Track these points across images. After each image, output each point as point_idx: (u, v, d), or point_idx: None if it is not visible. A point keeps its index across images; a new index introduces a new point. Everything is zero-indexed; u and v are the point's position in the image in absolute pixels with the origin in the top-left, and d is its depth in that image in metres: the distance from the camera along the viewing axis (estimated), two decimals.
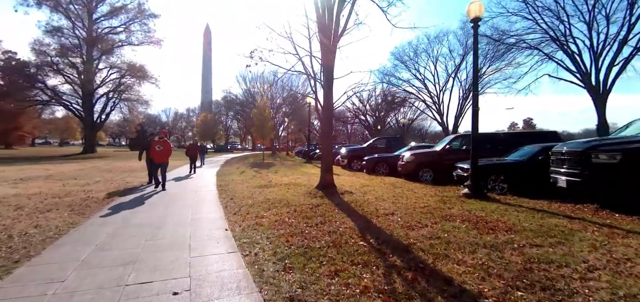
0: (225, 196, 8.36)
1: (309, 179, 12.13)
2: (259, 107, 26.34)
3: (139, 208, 6.96)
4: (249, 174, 13.94)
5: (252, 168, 17.40)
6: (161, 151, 9.47)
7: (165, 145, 9.63)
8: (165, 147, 9.56)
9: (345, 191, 8.88)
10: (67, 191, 8.89)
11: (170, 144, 9.92)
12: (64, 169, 15.58)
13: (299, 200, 7.71)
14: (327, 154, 8.92)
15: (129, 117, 44.36)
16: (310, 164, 20.54)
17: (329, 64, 8.60)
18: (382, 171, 14.59)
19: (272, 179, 11.83)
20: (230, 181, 11.52)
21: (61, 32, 36.57)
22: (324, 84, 8.75)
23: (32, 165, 18.21)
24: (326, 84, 8.76)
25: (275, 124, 41.59)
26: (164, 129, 11.10)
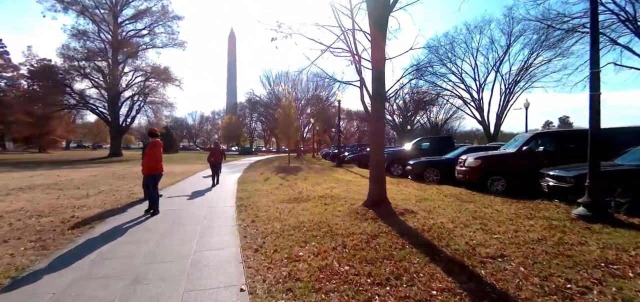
0: (246, 216, 6.32)
1: (347, 189, 9.94)
2: (284, 107, 24.48)
3: (125, 238, 5.03)
4: (275, 182, 11.94)
5: (277, 174, 15.44)
6: (146, 159, 6.80)
7: (151, 150, 6.83)
8: (149, 154, 6.78)
9: (402, 209, 6.63)
10: (55, 207, 7.20)
11: (157, 147, 6.94)
12: (76, 175, 14.28)
13: (345, 224, 5.55)
14: (378, 160, 6.70)
15: (154, 120, 43.95)
16: (342, 169, 18.34)
17: (379, 36, 6.39)
18: (433, 178, 12.17)
19: (302, 190, 9.74)
20: (253, 191, 9.53)
21: (87, 35, 36.55)
22: (374, 64, 6.54)
23: (48, 170, 17.19)
24: (376, 65, 6.54)
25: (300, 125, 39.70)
26: (152, 127, 8.81)
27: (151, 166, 6.72)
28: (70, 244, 4.68)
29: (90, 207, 7.21)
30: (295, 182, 11.60)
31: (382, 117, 6.79)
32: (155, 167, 6.77)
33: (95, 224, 5.76)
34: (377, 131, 6.70)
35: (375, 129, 6.71)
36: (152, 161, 6.73)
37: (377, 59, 6.54)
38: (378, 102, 6.65)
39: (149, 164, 6.71)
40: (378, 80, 6.61)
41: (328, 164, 23.89)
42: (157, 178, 6.83)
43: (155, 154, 6.80)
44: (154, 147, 6.84)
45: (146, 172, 6.81)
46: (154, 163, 6.75)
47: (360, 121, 76.74)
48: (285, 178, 13.19)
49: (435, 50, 35.82)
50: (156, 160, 6.78)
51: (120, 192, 9.43)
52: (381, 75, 6.62)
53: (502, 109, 35.50)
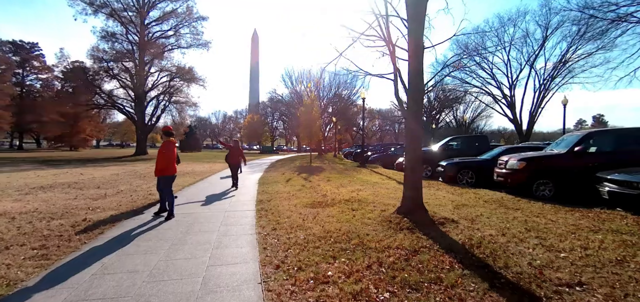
0: (266, 222, 5.73)
1: (374, 192, 9.19)
2: (307, 105, 23.90)
3: (132, 246, 4.55)
4: (297, 183, 11.35)
5: (299, 174, 14.87)
6: (158, 159, 6.28)
7: (164, 150, 6.31)
8: (161, 154, 6.27)
9: (441, 217, 5.84)
10: (69, 208, 6.90)
11: (170, 147, 6.43)
12: (99, 174, 14.29)
13: (378, 235, 4.85)
14: (415, 163, 5.92)
15: (178, 120, 44.69)
16: (366, 169, 17.55)
17: (417, 21, 5.62)
18: (467, 180, 11.20)
19: (326, 192, 9.08)
20: (275, 193, 8.97)
21: (115, 37, 37.51)
22: (411, 53, 5.78)
23: (74, 168, 17.42)
24: (413, 54, 5.78)
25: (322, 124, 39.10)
26: (166, 126, 8.16)
27: (162, 167, 6.23)
28: (74, 253, 4.24)
29: (104, 209, 6.86)
30: (318, 184, 10.96)
31: (420, 113, 6.01)
32: (167, 168, 6.27)
33: (106, 229, 5.34)
34: (414, 129, 5.93)
35: (412, 127, 5.94)
36: (163, 162, 6.23)
37: (414, 47, 5.77)
38: (415, 96, 5.88)
39: (161, 165, 6.23)
40: (415, 71, 5.84)
41: (351, 164, 23.13)
42: (169, 180, 6.33)
43: (167, 155, 6.31)
44: (166, 147, 6.38)
45: (158, 174, 6.31)
46: (165, 164, 6.25)
47: (382, 120, 75.40)
48: (307, 179, 12.58)
49: (465, 45, 34.18)
50: (168, 160, 6.28)
51: (138, 192, 9.12)
52: (419, 65, 5.85)
53: (536, 107, 33.43)
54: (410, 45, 5.84)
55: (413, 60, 5.83)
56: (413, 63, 5.85)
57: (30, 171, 15.36)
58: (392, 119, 70.36)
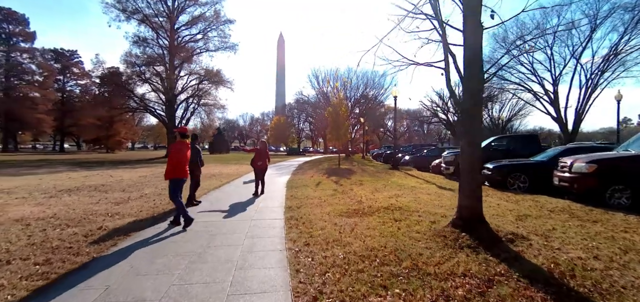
0: (297, 235, 4.96)
1: (415, 198, 8.21)
2: (334, 105, 23.07)
3: (144, 264, 3.90)
4: (328, 187, 10.55)
5: (328, 177, 14.07)
6: (168, 160, 5.79)
7: (174, 151, 5.78)
8: (172, 155, 5.76)
9: (507, 232, 4.84)
10: (88, 214, 6.48)
11: (182, 149, 5.85)
12: (128, 176, 14.20)
13: (434, 256, 3.96)
14: (473, 165, 4.91)
15: (207, 122, 45.36)
16: (399, 172, 16.46)
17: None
18: (519, 185, 9.93)
19: (361, 198, 8.21)
20: (304, 199, 8.20)
21: (146, 42, 38.55)
22: (468, 35, 4.82)
23: (106, 170, 17.60)
24: (471, 35, 4.81)
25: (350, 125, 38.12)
26: (181, 126, 7.52)
27: (169, 169, 5.67)
28: (78, 271, 3.66)
29: (123, 215, 6.38)
30: (351, 188, 10.09)
31: (479, 107, 5.01)
32: (174, 170, 5.68)
33: (120, 240, 4.78)
34: (472, 126, 4.94)
35: (469, 123, 4.96)
36: (172, 163, 5.68)
37: (472, 28, 4.80)
38: (472, 86, 4.90)
39: (169, 167, 5.68)
40: (473, 56, 4.86)
41: (381, 166, 22.03)
42: (176, 184, 5.74)
43: (177, 156, 5.73)
44: (177, 148, 5.81)
45: (166, 176, 5.73)
46: (174, 166, 5.67)
47: (410, 121, 73.16)
48: (338, 182, 11.75)
49: (503, 38, 31.98)
50: (177, 162, 5.69)
51: (162, 196, 8.68)
52: (477, 48, 4.86)
53: (582, 104, 30.71)
54: (466, 24, 4.87)
55: (470, 43, 4.85)
56: (470, 46, 4.88)
57: (64, 173, 15.59)
58: (421, 119, 68.13)
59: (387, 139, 73.05)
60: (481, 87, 5.02)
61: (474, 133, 5.00)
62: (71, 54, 59.72)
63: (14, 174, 15.25)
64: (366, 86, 50.12)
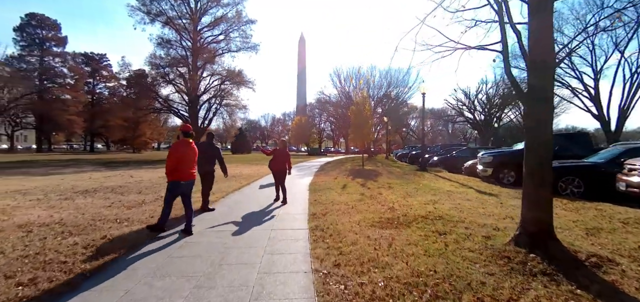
0: (324, 252, 4.17)
1: (455, 205, 7.24)
2: (358, 104, 22.15)
3: (144, 285, 3.23)
4: (354, 190, 9.72)
5: (353, 179, 13.22)
6: (167, 160, 5.22)
7: (173, 150, 5.25)
8: (171, 154, 5.22)
9: (588, 253, 3.87)
10: (97, 219, 5.98)
11: (182, 148, 5.26)
12: (147, 176, 13.93)
13: (501, 286, 3.08)
14: (543, 167, 3.94)
15: (229, 122, 45.54)
16: (428, 174, 15.35)
17: None
18: (572, 190, 8.74)
19: (394, 204, 7.32)
20: (330, 204, 7.41)
21: (170, 44, 39.05)
22: (533, 10, 3.88)
23: (128, 170, 17.53)
24: (537, 11, 3.87)
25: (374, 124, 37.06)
26: (184, 123, 6.64)
27: (168, 170, 5.22)
28: (64, 296, 3.04)
29: (133, 222, 5.83)
30: (380, 192, 9.21)
31: (551, 93, 4.05)
32: (172, 171, 5.18)
33: (123, 253, 4.18)
34: (540, 120, 3.98)
35: (537, 115, 4.00)
36: (169, 163, 5.18)
37: (537, 2, 3.86)
38: (540, 68, 3.94)
39: (167, 168, 5.20)
40: (540, 34, 3.92)
41: (408, 167, 20.90)
42: (171, 186, 5.24)
43: (176, 156, 5.18)
44: (176, 148, 5.27)
45: (172, 179, 5.22)
46: (171, 166, 5.17)
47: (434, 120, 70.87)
48: (365, 185, 10.88)
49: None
50: (176, 163, 5.16)
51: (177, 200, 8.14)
52: (546, 26, 3.91)
53: (627, 101, 28.24)
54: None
55: (537, 21, 3.90)
56: (536, 24, 3.93)
57: (87, 173, 15.57)
58: (446, 118, 65.91)
59: (409, 140, 71.16)
60: (551, 69, 4.05)
61: (543, 127, 4.04)
62: (100, 58, 61.81)
63: (42, 173, 15.39)
64: (389, 85, 48.82)
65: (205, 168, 7.05)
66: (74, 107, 51.62)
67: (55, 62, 52.16)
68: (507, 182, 11.39)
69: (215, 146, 7.35)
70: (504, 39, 4.42)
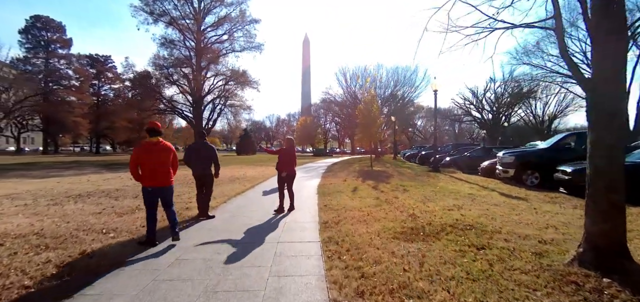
0: (342, 273, 3.40)
1: (483, 211, 6.46)
2: (366, 102, 21.35)
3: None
4: (366, 194, 8.96)
5: (363, 180, 12.46)
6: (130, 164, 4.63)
7: (142, 152, 4.60)
8: (133, 157, 4.60)
9: None
10: (81, 228, 5.30)
11: (154, 149, 4.61)
12: None
13: None
14: (613, 171, 3.17)
15: (234, 123, 45.00)
16: (443, 175, 14.53)
17: None
18: None
19: (413, 210, 6.55)
20: (342, 210, 6.66)
21: (173, 44, 38.60)
22: None
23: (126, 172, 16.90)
24: None
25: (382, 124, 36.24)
26: (152, 121, 5.72)
27: (158, 175, 4.62)
28: None
29: (120, 232, 5.15)
30: (395, 196, 8.44)
31: (624, 79, 3.27)
32: (143, 177, 4.60)
33: (99, 273, 3.47)
34: (611, 106, 3.21)
35: (605, 103, 3.23)
36: (130, 167, 4.68)
37: None
38: (610, 45, 3.17)
39: (154, 171, 4.59)
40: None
41: (418, 167, 20.05)
42: (146, 195, 4.63)
43: (136, 159, 4.60)
44: (138, 149, 4.68)
45: (149, 184, 4.59)
46: (133, 170, 4.64)
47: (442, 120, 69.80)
48: (377, 188, 10.12)
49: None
50: (137, 166, 4.60)
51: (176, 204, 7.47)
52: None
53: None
54: None
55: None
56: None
57: (86, 176, 15.00)
58: (452, 118, 64.87)
59: (415, 140, 70.14)
60: (623, 45, 3.26)
61: (614, 121, 3.26)
62: (105, 59, 61.74)
63: (40, 176, 14.85)
64: (396, 84, 47.99)
65: (199, 170, 6.37)
66: (80, 109, 51.55)
67: (61, 64, 52.07)
68: (530, 184, 10.55)
69: (209, 146, 6.62)
70: (557, 12, 3.64)
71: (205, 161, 6.44)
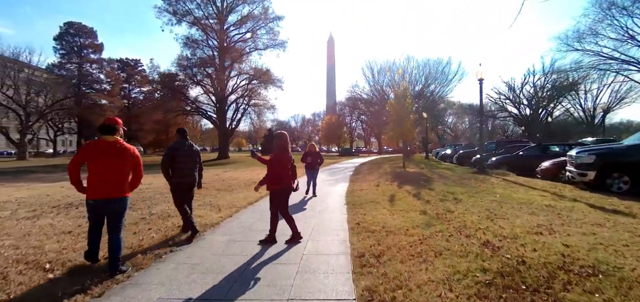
0: None
1: (591, 237, 4.43)
2: (398, 96, 19.26)
3: None
4: (409, 206, 7.09)
5: (400, 186, 10.55)
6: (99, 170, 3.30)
7: (87, 155, 3.34)
8: (108, 162, 3.31)
9: None
10: (28, 253, 3.88)
11: (106, 151, 3.31)
12: (155, 184, 12.13)
13: None
14: None
15: (257, 123, 44.12)
16: (492, 177, 12.29)
17: None
18: None
19: (484, 231, 4.62)
20: (382, 232, 4.83)
21: (196, 43, 38.27)
22: None
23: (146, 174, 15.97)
24: None
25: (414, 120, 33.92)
26: (109, 116, 4.13)
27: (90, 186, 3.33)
28: None
29: (63, 263, 3.67)
30: (447, 208, 6.51)
31: None
32: (89, 187, 3.33)
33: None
34: None
35: None
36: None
37: None
38: None
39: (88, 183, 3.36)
40: None
41: (459, 169, 17.67)
42: (88, 208, 3.39)
43: (77, 164, 3.41)
44: (82, 150, 3.40)
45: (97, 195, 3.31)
46: (74, 176, 3.39)
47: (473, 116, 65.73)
48: (419, 196, 8.20)
49: (608, 5, 25.21)
50: (93, 176, 3.33)
51: (167, 221, 6.00)
52: None
53: None
54: None
55: None
56: None
57: None
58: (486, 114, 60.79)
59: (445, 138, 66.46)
60: None
61: None
62: (135, 63, 63.21)
63: (57, 179, 14.30)
64: (426, 79, 45.18)
65: (190, 178, 4.89)
66: (110, 111, 52.67)
67: (93, 68, 53.54)
68: (617, 191, 8.25)
69: (195, 147, 5.26)
70: None
71: (194, 166, 4.98)
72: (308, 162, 8.97)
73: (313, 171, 8.95)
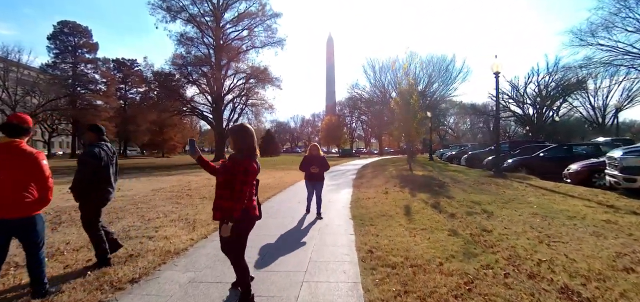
0: None
1: None
2: (403, 93, 17.92)
3: None
4: (433, 223, 5.74)
5: (412, 193, 9.21)
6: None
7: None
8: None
9: None
10: None
11: (22, 155, 2.49)
12: (138, 189, 10.83)
13: None
14: None
15: (255, 123, 42.76)
16: (515, 182, 10.95)
17: None
18: None
19: (554, 270, 3.29)
20: (406, 269, 3.50)
21: (191, 41, 36.98)
22: None
23: (130, 178, 14.68)
24: None
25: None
26: (14, 113, 2.87)
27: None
28: None
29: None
30: (481, 226, 5.19)
31: None
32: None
33: None
34: None
35: None
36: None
37: None
38: None
39: None
40: None
41: (471, 171, 16.31)
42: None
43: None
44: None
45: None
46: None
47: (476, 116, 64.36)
48: (439, 207, 6.86)
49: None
50: None
51: (136, 239, 4.68)
52: None
53: None
54: None
55: None
56: None
57: None
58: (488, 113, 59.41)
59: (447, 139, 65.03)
60: None
61: None
62: (132, 63, 61.91)
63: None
64: (430, 77, 43.88)
65: (111, 193, 3.59)
66: (106, 112, 51.39)
67: (88, 68, 52.25)
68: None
69: (96, 151, 3.56)
70: None
71: (116, 173, 3.71)
72: (312, 172, 6.18)
73: (318, 183, 6.26)
